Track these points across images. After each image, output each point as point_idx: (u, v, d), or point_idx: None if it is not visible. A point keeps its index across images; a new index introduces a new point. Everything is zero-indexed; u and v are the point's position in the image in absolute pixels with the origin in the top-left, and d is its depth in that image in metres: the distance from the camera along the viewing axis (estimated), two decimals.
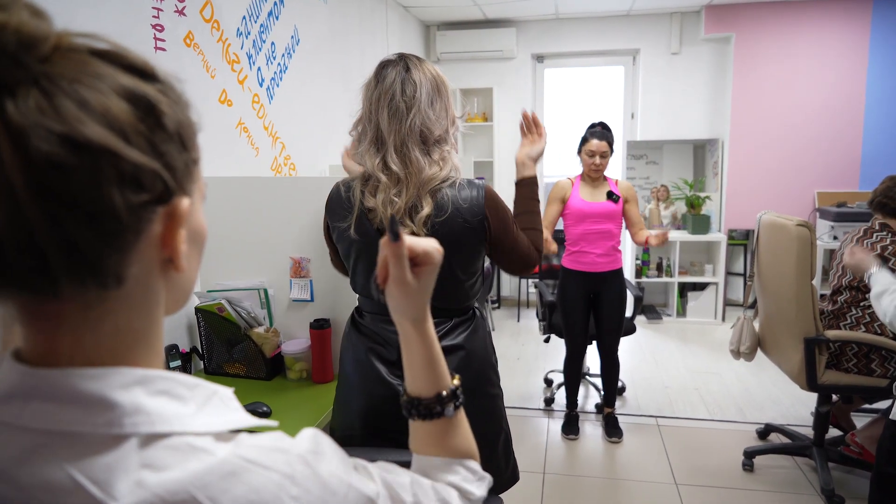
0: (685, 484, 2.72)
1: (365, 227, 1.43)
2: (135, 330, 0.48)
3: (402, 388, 1.39)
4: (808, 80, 4.92)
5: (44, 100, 0.38)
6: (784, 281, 2.57)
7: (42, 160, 0.37)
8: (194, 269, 0.54)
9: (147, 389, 0.46)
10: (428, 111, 1.41)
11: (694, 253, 5.40)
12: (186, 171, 0.47)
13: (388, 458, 0.92)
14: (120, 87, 0.41)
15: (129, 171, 0.41)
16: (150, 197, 0.43)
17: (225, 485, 0.45)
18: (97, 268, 0.42)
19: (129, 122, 0.41)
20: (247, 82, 2.52)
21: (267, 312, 2.14)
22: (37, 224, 0.38)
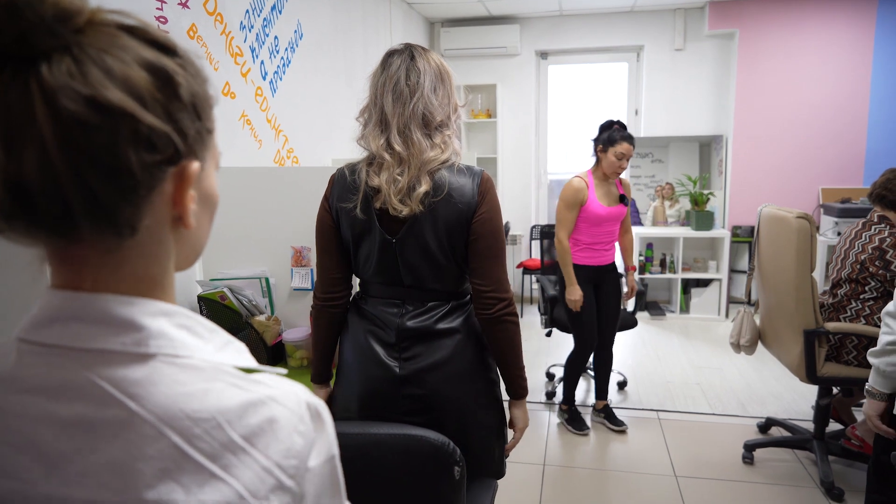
0: (685, 476, 2.72)
1: (369, 207, 1.46)
2: (151, 276, 0.53)
3: (397, 369, 1.43)
4: (812, 76, 4.91)
5: (74, 66, 0.43)
6: (784, 273, 2.57)
7: (69, 118, 0.42)
8: (205, 230, 0.59)
9: (171, 321, 0.52)
10: (431, 96, 1.45)
11: (697, 249, 5.40)
12: (199, 138, 0.52)
13: (382, 430, 0.94)
14: (142, 59, 0.46)
15: (144, 133, 0.46)
16: (162, 157, 0.48)
17: (243, 412, 0.50)
18: (113, 217, 0.47)
19: (147, 89, 0.46)
20: (250, 75, 2.55)
21: (268, 301, 2.17)
22: (63, 174, 0.43)
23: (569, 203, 2.99)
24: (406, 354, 1.45)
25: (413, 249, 1.44)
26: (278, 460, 0.50)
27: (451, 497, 0.94)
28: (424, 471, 0.92)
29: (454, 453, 0.93)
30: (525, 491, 2.63)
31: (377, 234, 1.45)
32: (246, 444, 0.49)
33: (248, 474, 0.49)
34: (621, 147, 2.95)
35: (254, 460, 0.49)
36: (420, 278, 1.47)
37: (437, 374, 1.44)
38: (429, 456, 0.92)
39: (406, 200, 1.40)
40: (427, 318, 1.46)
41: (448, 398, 1.44)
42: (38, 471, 0.46)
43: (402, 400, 1.43)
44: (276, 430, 0.51)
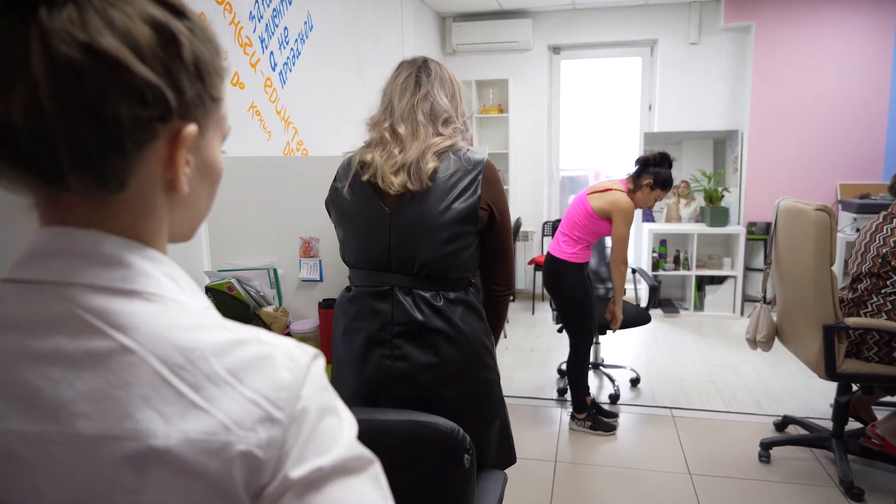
0: (699, 474, 2.67)
1: (358, 184, 1.43)
2: (140, 235, 0.52)
3: (390, 369, 1.38)
4: (830, 69, 4.82)
5: (75, 13, 0.44)
6: (802, 267, 2.51)
7: (62, 60, 0.43)
8: (203, 201, 0.58)
9: (158, 267, 0.51)
10: (439, 95, 1.48)
11: (712, 246, 5.32)
12: (199, 101, 0.51)
13: (389, 416, 0.91)
14: (148, 15, 0.47)
15: (136, 86, 0.46)
16: (153, 113, 0.47)
17: (230, 347, 0.49)
18: (99, 167, 0.47)
19: (147, 44, 0.46)
20: (259, 66, 2.53)
21: (276, 292, 2.14)
22: (51, 116, 0.44)
23: (630, 221, 2.90)
24: (398, 352, 1.40)
25: (407, 227, 1.39)
26: (266, 392, 0.48)
27: (461, 485, 0.91)
28: (433, 458, 0.89)
29: (464, 440, 0.89)
30: (536, 487, 2.59)
31: (368, 209, 1.41)
32: (231, 378, 0.47)
33: (232, 406, 0.47)
34: (665, 194, 2.93)
35: (239, 393, 0.47)
36: (411, 263, 1.40)
37: (430, 374, 1.39)
38: (437, 443, 0.88)
39: (401, 174, 1.37)
40: (420, 314, 1.40)
41: (442, 398, 1.40)
42: (12, 407, 0.44)
43: (396, 402, 1.40)
44: (263, 365, 0.49)
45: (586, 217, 2.90)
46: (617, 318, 3.12)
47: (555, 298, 3.08)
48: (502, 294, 1.58)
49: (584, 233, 2.94)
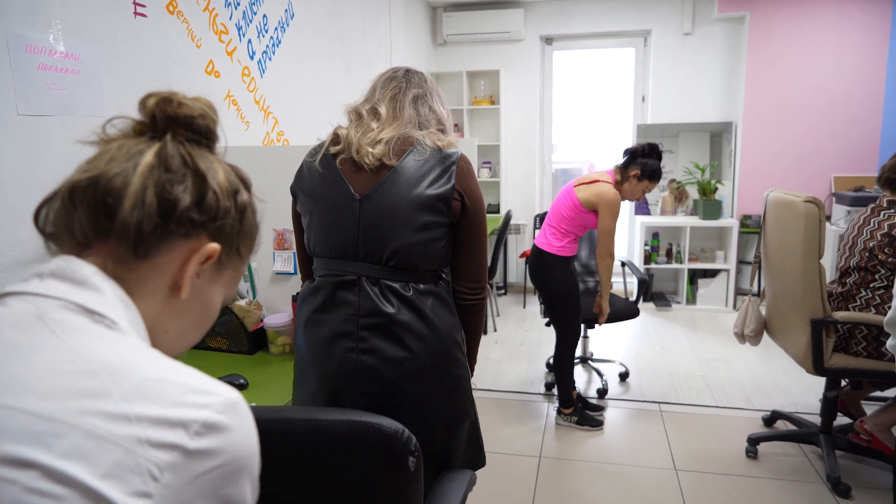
0: (685, 470, 2.63)
1: (327, 163, 1.39)
2: (133, 299, 0.61)
3: (355, 363, 1.32)
4: (825, 60, 4.76)
5: (185, 147, 0.65)
6: (791, 260, 2.46)
7: (165, 157, 0.64)
8: (190, 324, 0.66)
9: (128, 314, 0.60)
10: (433, 101, 1.49)
11: (705, 239, 5.28)
12: (230, 242, 0.66)
13: (331, 416, 0.86)
14: (227, 170, 0.68)
15: (203, 193, 0.63)
16: (199, 218, 0.62)
17: (158, 381, 0.53)
18: (140, 233, 0.60)
19: (222, 180, 0.65)
20: (236, 54, 2.47)
21: (250, 285, 2.10)
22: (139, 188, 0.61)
23: (616, 214, 2.83)
24: (364, 346, 1.33)
25: (377, 214, 1.33)
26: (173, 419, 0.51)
27: (406, 489, 0.86)
28: (376, 460, 0.84)
29: (408, 442, 0.84)
30: (519, 484, 2.55)
31: (336, 194, 1.36)
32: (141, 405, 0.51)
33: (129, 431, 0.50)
34: (653, 186, 2.87)
35: (140, 419, 0.50)
36: (380, 252, 1.34)
37: (398, 369, 1.33)
38: (381, 444, 0.84)
39: (379, 146, 1.34)
40: (388, 305, 1.33)
41: (410, 395, 1.34)
42: None
43: (362, 398, 1.34)
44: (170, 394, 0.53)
45: (573, 209, 2.84)
46: (604, 311, 3.08)
47: (541, 292, 3.03)
48: (472, 297, 1.47)
49: (571, 225, 2.88)
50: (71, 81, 1.67)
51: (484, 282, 1.48)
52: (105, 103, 1.82)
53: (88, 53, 1.73)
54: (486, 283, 1.49)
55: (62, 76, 1.64)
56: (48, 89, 1.60)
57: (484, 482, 2.56)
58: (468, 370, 1.47)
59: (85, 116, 1.74)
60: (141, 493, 0.47)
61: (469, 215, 1.41)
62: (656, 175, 2.85)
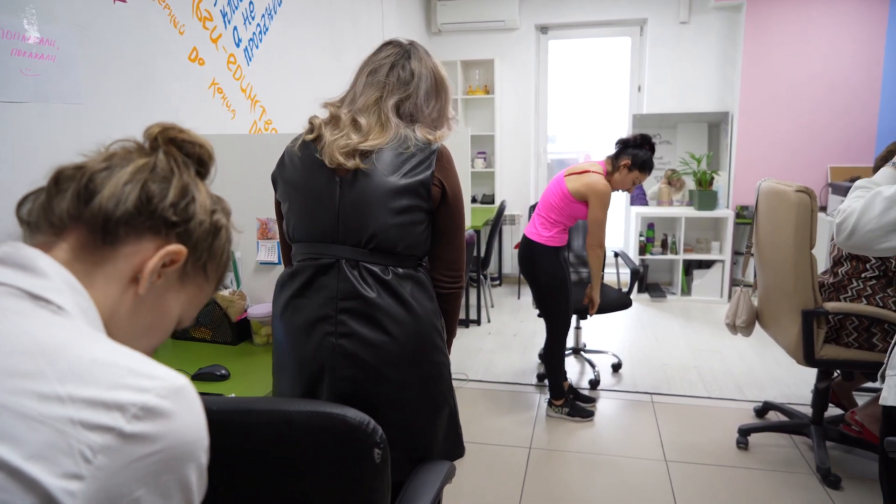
0: (675, 461, 2.62)
1: (306, 148, 1.37)
2: (95, 298, 0.62)
3: (332, 346, 1.31)
4: (822, 49, 4.72)
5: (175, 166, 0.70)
6: (783, 250, 2.44)
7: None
8: (142, 324, 0.66)
9: (76, 298, 0.59)
10: (422, 104, 1.42)
11: (700, 230, 5.25)
12: (198, 254, 0.68)
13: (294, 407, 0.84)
14: (212, 199, 0.72)
15: (182, 196, 0.67)
16: (173, 218, 0.65)
17: (94, 366, 0.52)
18: (110, 219, 0.62)
19: (203, 196, 0.70)
20: (221, 41, 2.44)
21: (234, 275, 2.08)
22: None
23: (607, 205, 2.79)
24: (343, 329, 1.31)
25: (358, 196, 1.32)
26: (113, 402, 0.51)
27: (373, 481, 0.84)
28: (341, 453, 0.82)
29: (374, 434, 0.82)
30: (507, 475, 2.54)
31: (317, 178, 1.34)
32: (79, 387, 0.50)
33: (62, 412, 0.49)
34: (644, 177, 2.84)
35: (79, 401, 0.49)
36: (360, 234, 1.32)
37: (377, 353, 1.30)
38: (346, 436, 0.82)
39: (353, 159, 1.31)
40: (367, 288, 1.31)
41: (386, 380, 1.32)
42: None
43: (339, 382, 1.32)
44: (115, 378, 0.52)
45: (562, 199, 2.82)
46: (594, 302, 3.06)
47: (531, 283, 3.00)
48: (451, 286, 1.45)
49: (560, 215, 2.86)
50: (46, 68, 1.64)
51: (462, 270, 1.47)
52: (83, 90, 1.79)
53: (64, 39, 1.70)
54: (464, 272, 1.48)
55: (36, 62, 1.61)
56: (22, 75, 1.57)
57: (472, 473, 2.55)
58: (448, 357, 1.45)
59: (62, 103, 1.71)
60: (72, 474, 0.46)
61: (448, 204, 1.41)
62: (647, 166, 2.82)
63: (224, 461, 0.86)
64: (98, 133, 1.86)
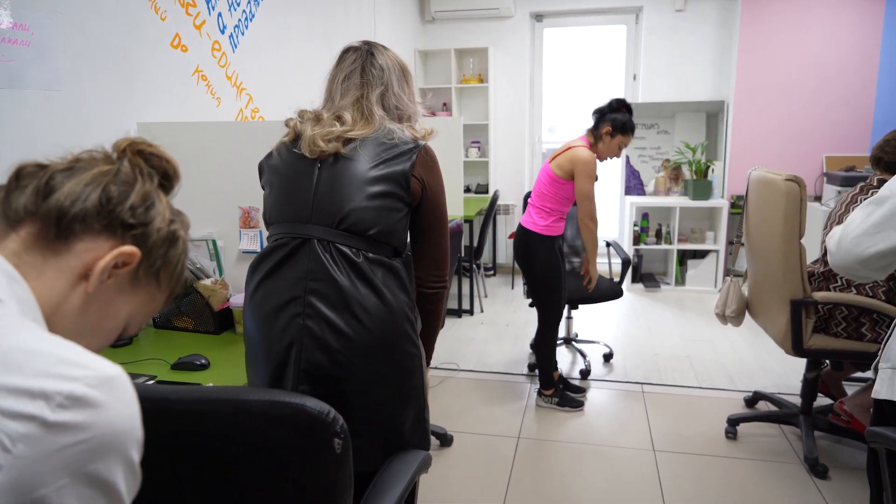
0: (663, 451, 2.62)
1: (293, 148, 1.38)
2: (40, 291, 0.61)
3: (300, 331, 1.29)
4: (819, 38, 4.68)
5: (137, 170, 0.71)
6: (772, 240, 2.42)
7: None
8: (88, 323, 0.65)
9: (13, 290, 0.58)
10: (400, 93, 1.45)
11: (695, 220, 5.23)
12: (152, 259, 0.69)
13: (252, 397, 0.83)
14: (173, 215, 0.73)
15: (144, 199, 0.68)
16: (130, 220, 0.66)
17: (26, 355, 0.52)
18: (64, 214, 0.62)
19: (164, 207, 0.71)
20: (205, 28, 2.41)
21: (216, 264, 2.06)
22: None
23: (592, 175, 2.74)
24: (310, 311, 1.29)
25: (335, 178, 1.32)
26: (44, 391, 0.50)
27: (334, 472, 0.83)
28: (301, 443, 0.81)
29: (334, 423, 0.81)
30: (495, 465, 2.53)
31: (297, 162, 1.35)
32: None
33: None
34: (629, 139, 2.80)
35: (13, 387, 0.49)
36: (333, 214, 1.30)
37: (344, 338, 1.28)
38: (305, 426, 0.80)
39: (334, 143, 1.32)
40: (337, 270, 1.29)
41: (353, 369, 1.29)
42: None
43: (305, 363, 1.29)
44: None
45: (552, 184, 2.80)
46: (592, 276, 2.98)
47: (525, 272, 2.98)
48: (434, 285, 1.46)
49: (553, 203, 2.84)
50: (20, 53, 1.61)
51: (446, 270, 1.48)
52: (61, 77, 1.76)
53: (39, 24, 1.67)
54: (448, 272, 1.49)
55: (10, 48, 1.58)
56: None
57: (459, 463, 2.54)
58: (420, 349, 1.42)
59: (38, 90, 1.69)
60: None
61: (429, 201, 1.41)
62: (628, 127, 2.78)
63: (185, 451, 0.85)
64: (78, 120, 1.83)
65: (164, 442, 0.84)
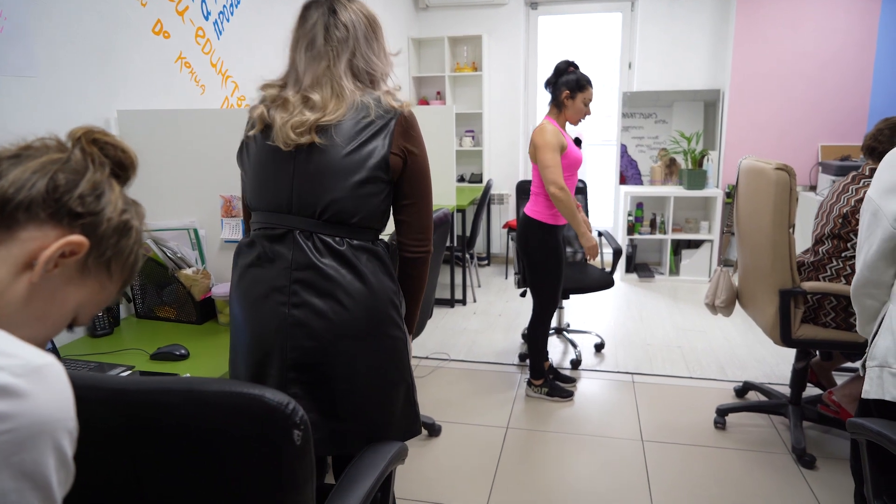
0: (651, 441, 2.62)
1: (265, 140, 1.34)
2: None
3: (286, 316, 1.29)
4: (815, 26, 4.64)
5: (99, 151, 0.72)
6: (761, 230, 2.41)
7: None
8: (34, 312, 0.63)
9: None
10: (368, 52, 1.37)
11: (689, 209, 5.21)
12: (102, 249, 0.67)
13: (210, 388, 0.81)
14: (125, 201, 0.72)
15: (93, 188, 0.67)
16: (79, 209, 0.65)
17: None
18: (8, 202, 0.61)
19: (117, 195, 0.70)
20: (188, 14, 2.37)
21: (199, 253, 2.04)
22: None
23: (553, 146, 2.68)
24: (296, 299, 1.29)
25: (313, 168, 1.29)
26: None
27: (294, 464, 0.81)
28: (260, 434, 0.80)
29: (293, 415, 0.79)
30: (483, 454, 2.53)
31: (272, 149, 1.31)
32: None
33: None
34: (589, 93, 2.76)
35: None
36: (314, 205, 1.30)
37: (328, 324, 1.29)
38: (264, 418, 0.79)
39: (306, 136, 1.28)
40: (321, 259, 1.30)
41: (338, 352, 1.30)
42: None
43: (291, 352, 1.30)
44: None
45: (535, 170, 2.80)
46: (591, 245, 2.82)
47: (526, 259, 2.92)
48: (417, 249, 1.42)
49: (542, 187, 2.82)
50: None
51: (428, 234, 1.44)
52: (37, 62, 1.74)
53: (12, 9, 1.64)
54: (431, 236, 1.45)
55: None
56: None
57: (446, 452, 2.54)
58: (405, 333, 1.43)
59: (13, 76, 1.66)
60: None
61: (411, 170, 1.38)
62: (582, 82, 2.75)
63: (143, 442, 0.83)
64: (54, 107, 1.81)
65: (121, 433, 0.83)
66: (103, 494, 0.88)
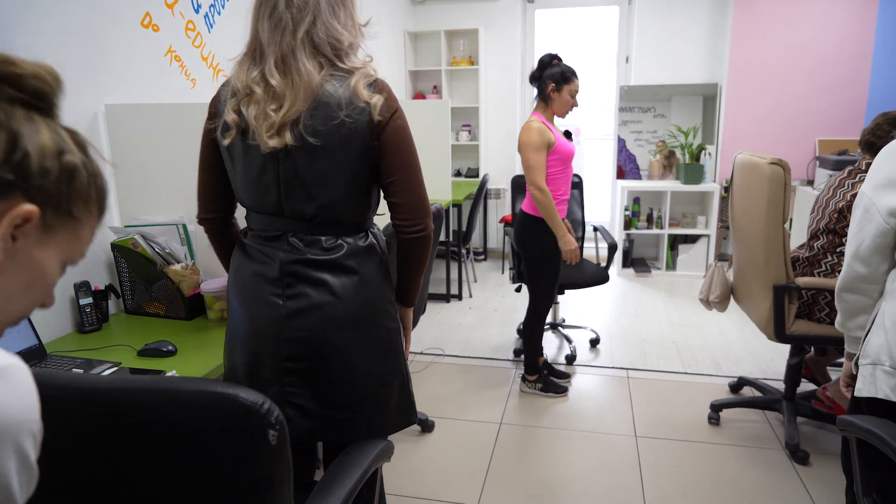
0: (645, 436, 2.61)
1: (244, 130, 1.29)
2: None
3: (281, 308, 1.29)
4: (813, 20, 4.61)
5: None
6: (755, 225, 2.39)
7: None
8: (13, 292, 0.60)
9: None
10: (331, 20, 1.27)
11: (686, 204, 5.19)
12: (56, 204, 0.60)
13: (183, 387, 0.80)
14: (60, 137, 0.61)
15: (7, 157, 0.56)
16: (11, 178, 0.56)
17: None
18: None
19: (49, 148, 0.59)
20: (177, 7, 2.35)
21: (188, 249, 2.02)
22: None
23: (537, 146, 2.67)
24: (290, 291, 1.31)
25: (297, 173, 1.27)
26: None
27: (269, 464, 0.80)
28: (234, 434, 0.78)
29: (269, 415, 0.78)
30: (476, 450, 2.52)
31: (252, 149, 1.28)
32: None
33: None
34: (575, 84, 2.74)
35: None
36: (303, 210, 1.30)
37: (322, 314, 1.30)
38: (238, 417, 0.77)
39: (276, 138, 1.24)
40: (314, 255, 1.31)
41: (333, 342, 1.31)
42: None
43: (286, 343, 1.31)
44: None
45: None
46: (569, 248, 2.77)
47: (524, 255, 2.91)
48: (412, 230, 1.36)
49: (550, 183, 2.80)
50: None
51: (424, 212, 1.37)
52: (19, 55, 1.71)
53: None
54: (428, 214, 1.38)
55: None
56: None
57: (439, 448, 2.53)
58: (399, 325, 1.45)
59: None
60: None
61: (392, 149, 1.30)
62: (567, 74, 2.74)
63: (117, 442, 0.82)
64: None
65: (97, 432, 0.82)
66: (80, 494, 0.87)
